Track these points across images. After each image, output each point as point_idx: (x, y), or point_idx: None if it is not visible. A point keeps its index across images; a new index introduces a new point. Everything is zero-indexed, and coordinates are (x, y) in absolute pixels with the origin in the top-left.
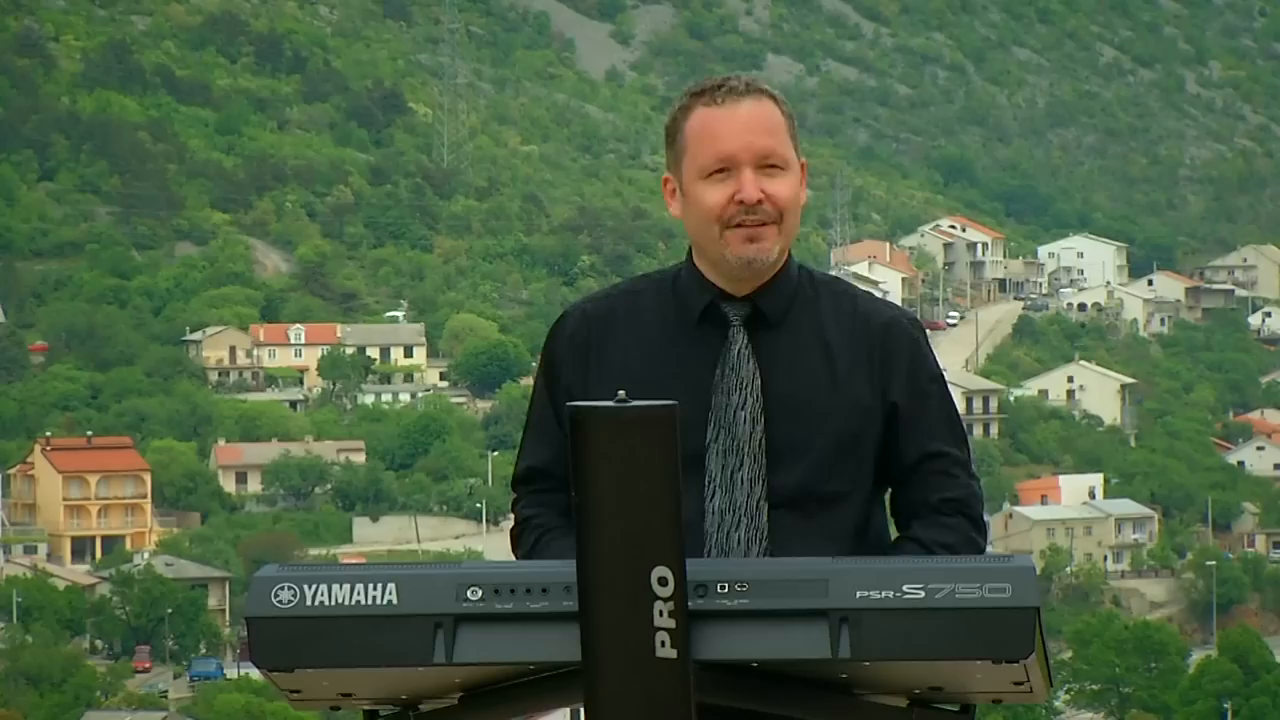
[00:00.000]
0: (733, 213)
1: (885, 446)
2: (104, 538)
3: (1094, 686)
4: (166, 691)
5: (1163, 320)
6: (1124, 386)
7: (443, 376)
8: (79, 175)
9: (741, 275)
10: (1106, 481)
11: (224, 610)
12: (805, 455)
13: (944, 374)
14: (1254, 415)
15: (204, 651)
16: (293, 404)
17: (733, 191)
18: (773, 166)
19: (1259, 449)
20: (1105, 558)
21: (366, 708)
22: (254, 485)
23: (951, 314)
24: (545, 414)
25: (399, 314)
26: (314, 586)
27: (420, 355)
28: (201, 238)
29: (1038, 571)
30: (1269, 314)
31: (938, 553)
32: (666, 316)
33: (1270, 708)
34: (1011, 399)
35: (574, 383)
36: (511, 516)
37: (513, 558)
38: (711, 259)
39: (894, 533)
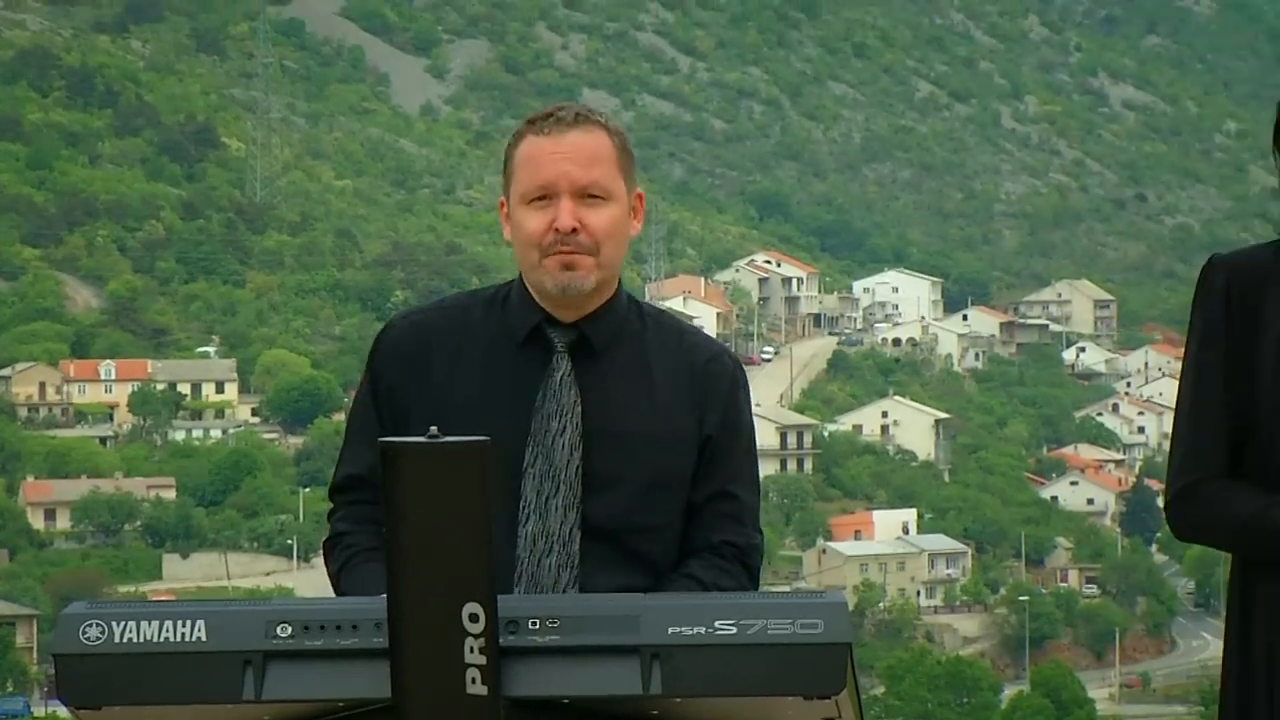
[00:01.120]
0: (550, 240)
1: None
2: None
3: None
4: None
5: (977, 355)
6: (938, 421)
7: (254, 412)
8: None
9: (559, 302)
10: (920, 517)
11: (31, 648)
12: (621, 486)
13: (753, 420)
14: (1068, 450)
15: (11, 690)
16: (103, 440)
17: (551, 218)
18: (593, 197)
19: (1072, 484)
20: (918, 593)
21: None
22: (63, 522)
23: (766, 349)
24: (368, 422)
25: (210, 350)
26: (122, 623)
27: (232, 391)
28: (11, 273)
29: (850, 607)
30: (1083, 349)
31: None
32: (492, 336)
33: None
34: (825, 434)
35: (397, 392)
36: (328, 544)
37: (328, 592)
38: (533, 284)
39: None
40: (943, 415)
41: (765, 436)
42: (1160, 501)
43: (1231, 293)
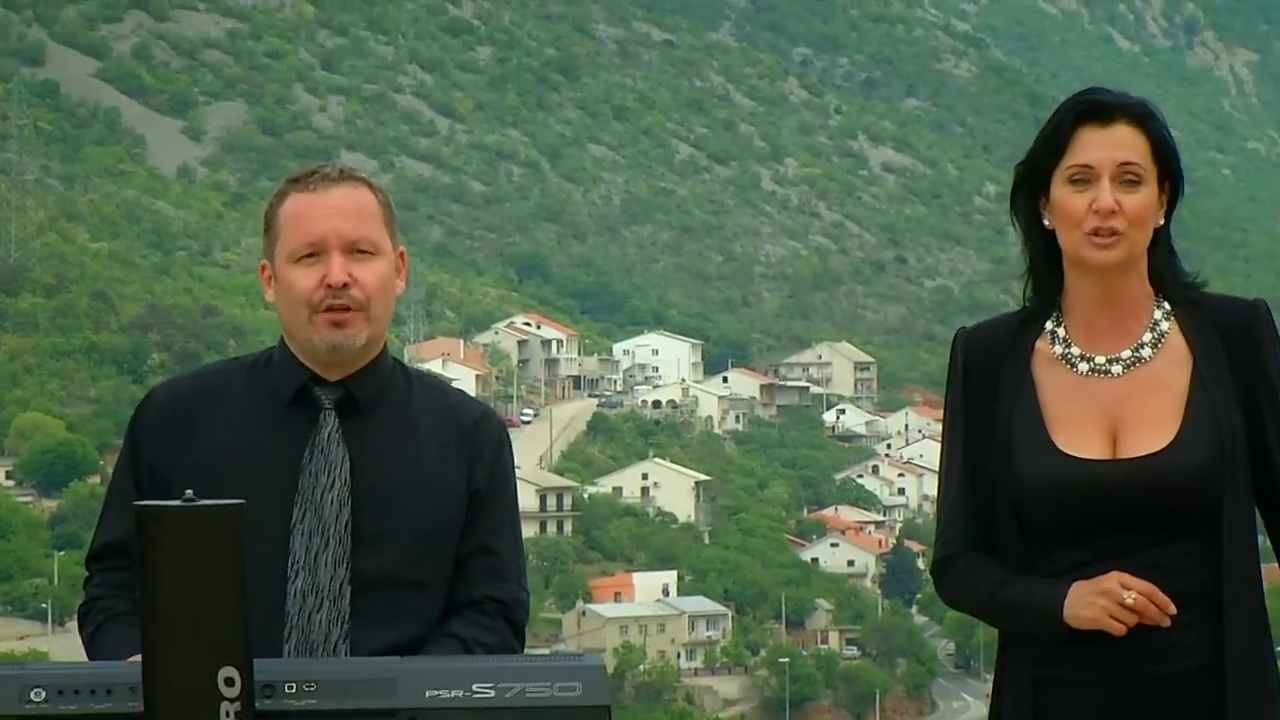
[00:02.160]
0: (321, 296)
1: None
2: None
3: None
4: None
5: (737, 417)
6: (698, 483)
7: (8, 475)
8: None
9: (329, 361)
10: (680, 579)
11: None
12: (391, 541)
13: (517, 485)
14: (828, 512)
15: None
16: None
17: (322, 275)
18: (363, 252)
19: (833, 545)
20: (679, 655)
21: None
22: None
23: (526, 411)
24: (126, 490)
25: None
26: None
27: None
28: None
29: (610, 670)
30: (843, 411)
31: (478, 652)
32: (257, 398)
33: None
34: (585, 496)
35: (158, 461)
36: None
37: (83, 657)
38: (301, 344)
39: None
40: (703, 477)
41: (525, 499)
42: (920, 563)
43: (969, 368)
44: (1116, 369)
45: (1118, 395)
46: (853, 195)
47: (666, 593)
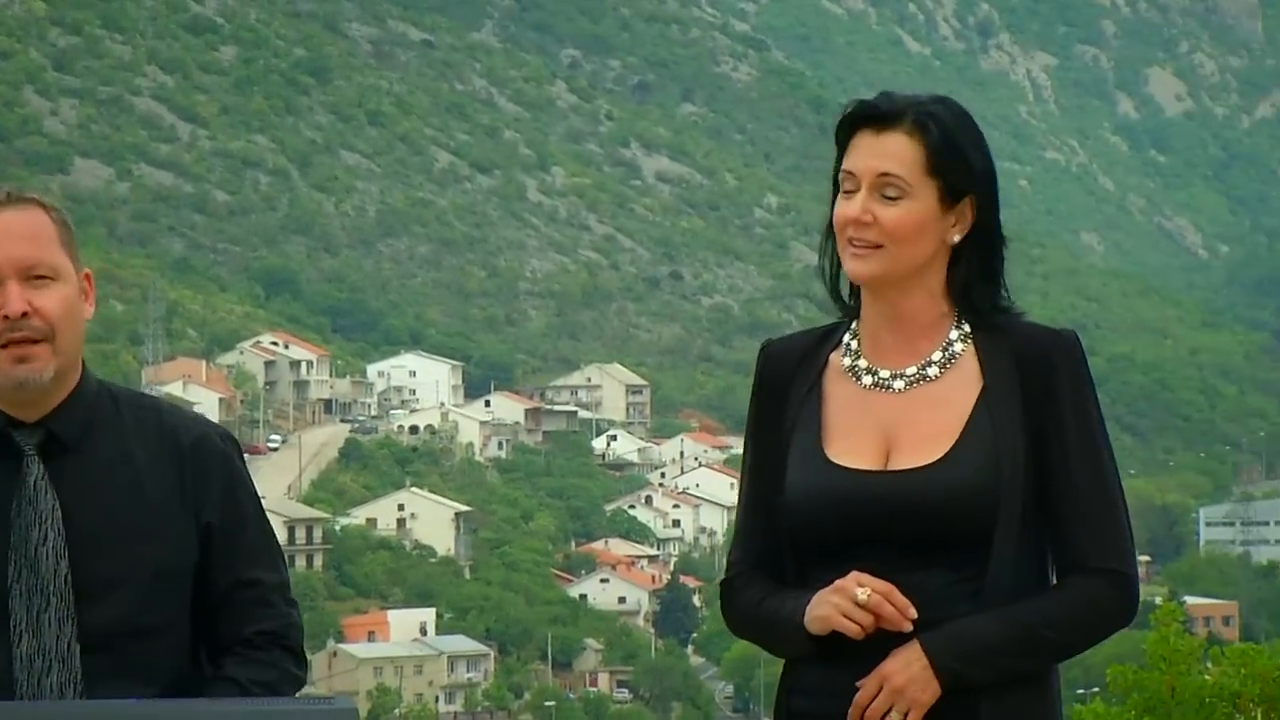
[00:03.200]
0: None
1: (198, 572)
2: None
3: None
4: None
5: (500, 444)
6: (458, 514)
7: None
8: None
9: (19, 399)
10: (439, 616)
11: None
12: (117, 590)
13: (259, 494)
14: (598, 545)
15: None
16: None
17: None
18: (41, 278)
19: (603, 581)
20: (437, 698)
21: None
22: None
23: (273, 437)
24: None
25: None
26: None
27: None
28: None
29: (363, 714)
30: (614, 437)
31: (256, 693)
32: None
33: None
34: (337, 528)
35: None
36: None
37: None
38: None
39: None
40: (463, 508)
41: None
42: (697, 600)
43: (764, 383)
44: (899, 384)
45: (897, 410)
46: (625, 207)
47: (424, 631)
